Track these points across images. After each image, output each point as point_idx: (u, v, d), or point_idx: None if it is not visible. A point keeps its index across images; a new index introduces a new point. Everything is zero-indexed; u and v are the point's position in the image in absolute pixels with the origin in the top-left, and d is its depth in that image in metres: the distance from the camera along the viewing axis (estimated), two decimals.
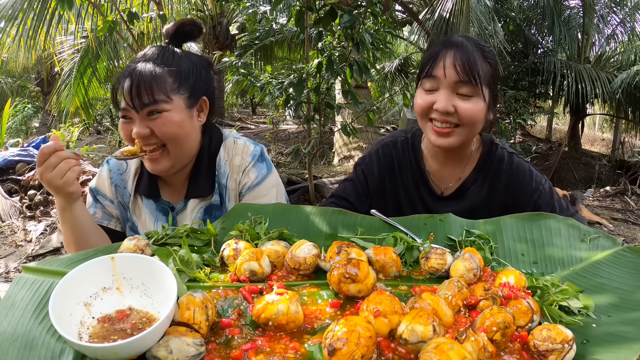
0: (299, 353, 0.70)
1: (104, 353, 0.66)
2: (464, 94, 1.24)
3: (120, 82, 1.18)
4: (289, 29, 5.55)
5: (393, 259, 0.92)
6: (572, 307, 0.85)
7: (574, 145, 9.25)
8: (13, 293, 0.81)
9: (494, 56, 1.32)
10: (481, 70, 1.25)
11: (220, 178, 1.33)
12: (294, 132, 10.56)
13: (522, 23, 8.43)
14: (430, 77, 1.26)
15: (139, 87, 1.15)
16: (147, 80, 1.16)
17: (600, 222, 4.78)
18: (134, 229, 1.35)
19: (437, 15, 6.00)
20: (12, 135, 9.92)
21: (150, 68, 1.18)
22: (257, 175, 1.33)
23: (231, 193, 1.33)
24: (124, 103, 1.18)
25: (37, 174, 1.07)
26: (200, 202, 1.33)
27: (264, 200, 1.32)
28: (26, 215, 4.64)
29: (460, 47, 1.26)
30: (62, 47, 7.01)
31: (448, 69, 1.23)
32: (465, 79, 1.23)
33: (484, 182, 1.39)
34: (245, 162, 1.33)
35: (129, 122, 1.20)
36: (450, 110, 1.24)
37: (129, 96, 1.15)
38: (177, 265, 0.86)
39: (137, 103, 1.15)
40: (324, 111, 3.89)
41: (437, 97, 1.25)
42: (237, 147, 1.35)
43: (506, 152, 1.40)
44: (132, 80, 1.15)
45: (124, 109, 1.19)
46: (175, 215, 1.34)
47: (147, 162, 1.23)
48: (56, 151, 1.09)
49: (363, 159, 1.51)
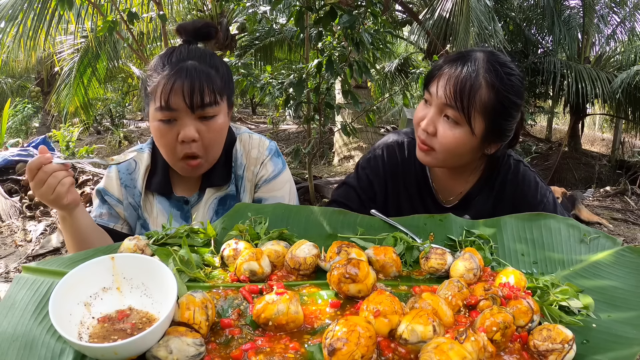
0: (299, 353, 0.70)
1: (104, 353, 0.66)
2: (450, 117, 1.16)
3: (169, 81, 1.12)
4: (289, 29, 5.56)
5: (393, 259, 0.92)
6: (572, 307, 0.85)
7: (574, 145, 9.25)
8: (13, 293, 0.81)
9: (509, 86, 1.15)
10: (477, 98, 1.13)
11: (236, 169, 1.35)
12: (294, 132, 10.56)
13: (522, 23, 8.44)
14: (427, 90, 1.21)
15: (202, 87, 1.12)
16: (204, 81, 1.13)
17: (600, 222, 4.78)
18: (146, 226, 1.34)
19: (437, 15, 6.00)
20: (12, 135, 9.92)
21: (203, 69, 1.15)
22: (274, 169, 1.36)
23: (247, 184, 1.35)
24: (176, 103, 1.12)
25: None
26: (215, 192, 1.34)
27: (279, 194, 1.35)
28: (26, 215, 4.64)
29: (465, 66, 1.15)
30: (62, 47, 7.00)
31: (440, 88, 1.16)
32: (450, 104, 1.14)
33: (489, 193, 1.35)
34: (263, 155, 1.35)
35: (171, 125, 1.16)
36: (429, 130, 1.18)
37: (188, 96, 1.11)
38: (177, 265, 0.86)
39: (197, 103, 1.12)
40: (324, 111, 3.89)
41: (426, 114, 1.20)
42: (252, 140, 1.37)
43: (512, 160, 1.34)
44: (191, 80, 1.11)
45: (173, 110, 1.13)
46: (189, 209, 1.34)
47: (185, 166, 1.21)
48: (42, 165, 1.05)
49: (368, 162, 1.43)
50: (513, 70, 1.18)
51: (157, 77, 1.15)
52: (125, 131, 10.56)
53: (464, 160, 1.26)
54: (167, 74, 1.13)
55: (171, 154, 1.21)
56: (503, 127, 1.19)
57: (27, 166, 1.06)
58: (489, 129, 1.18)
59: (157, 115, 1.16)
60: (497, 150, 1.25)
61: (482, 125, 1.17)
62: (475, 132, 1.16)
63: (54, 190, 1.06)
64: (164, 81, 1.13)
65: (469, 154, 1.23)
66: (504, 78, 1.15)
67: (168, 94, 1.12)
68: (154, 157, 1.35)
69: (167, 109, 1.14)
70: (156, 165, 1.34)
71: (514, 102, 1.17)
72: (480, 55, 1.17)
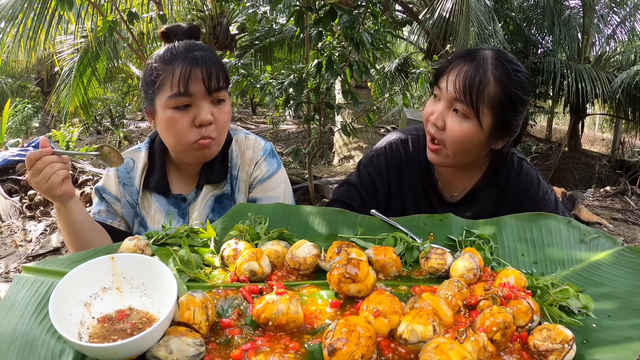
0: (299, 353, 0.70)
1: (104, 353, 0.66)
2: (459, 111, 1.19)
3: (186, 69, 1.17)
4: (289, 29, 5.56)
5: (393, 259, 0.92)
6: (572, 307, 0.85)
7: (574, 145, 9.25)
8: (13, 293, 0.81)
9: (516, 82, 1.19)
10: (486, 93, 1.16)
11: (231, 169, 1.37)
12: (294, 132, 10.57)
13: (522, 23, 8.44)
14: (437, 85, 1.24)
15: (217, 72, 1.19)
16: (217, 66, 1.21)
17: (600, 222, 4.78)
18: (144, 224, 1.36)
19: (437, 14, 6.01)
20: (12, 135, 9.92)
21: (212, 56, 1.22)
22: (269, 169, 1.37)
23: (241, 185, 1.37)
24: (194, 89, 1.18)
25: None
26: (212, 189, 1.36)
27: (273, 194, 1.36)
28: (26, 215, 4.64)
29: (474, 62, 1.18)
30: (61, 47, 7.00)
31: (449, 83, 1.19)
32: (460, 98, 1.17)
33: (493, 189, 1.36)
34: (257, 155, 1.37)
35: (185, 111, 1.20)
36: (439, 124, 1.20)
37: (207, 80, 1.18)
38: (177, 265, 0.86)
39: (214, 86, 1.19)
40: (324, 111, 3.89)
41: (435, 109, 1.23)
42: (248, 141, 1.40)
43: (516, 158, 1.36)
44: (207, 66, 1.18)
45: (190, 95, 1.18)
46: (186, 206, 1.36)
47: (199, 147, 1.23)
48: (42, 156, 1.10)
49: (370, 160, 1.43)
50: (520, 67, 1.21)
51: (168, 68, 1.19)
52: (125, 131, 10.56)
53: (473, 156, 1.27)
54: (181, 63, 1.18)
55: (183, 140, 1.22)
56: (510, 121, 1.22)
57: (27, 155, 1.10)
58: (497, 124, 1.20)
59: (170, 104, 1.19)
60: (503, 146, 1.27)
61: (490, 119, 1.20)
62: (484, 126, 1.19)
63: (48, 180, 1.10)
64: (180, 69, 1.17)
65: (477, 149, 1.25)
66: (511, 74, 1.18)
67: (187, 80, 1.17)
68: (152, 156, 1.38)
69: (185, 95, 1.18)
70: (153, 163, 1.37)
71: (520, 97, 1.20)
72: (489, 53, 1.21)
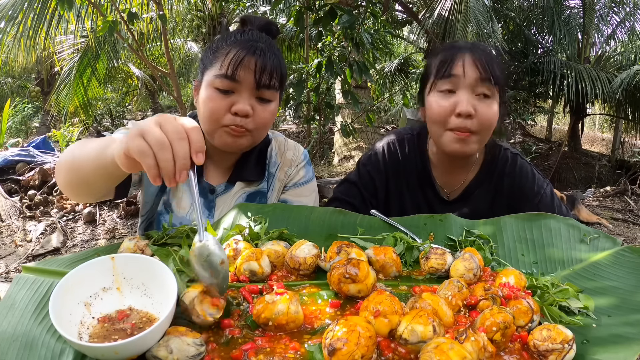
0: (299, 353, 0.70)
1: (104, 353, 0.66)
2: (483, 93, 1.20)
3: (241, 54, 1.13)
4: (289, 28, 5.56)
5: (393, 259, 0.92)
6: (572, 307, 0.85)
7: (574, 145, 9.26)
8: (13, 293, 0.81)
9: (500, 62, 1.28)
10: (498, 71, 1.22)
11: (269, 167, 1.38)
12: (294, 132, 10.57)
13: (522, 23, 8.44)
14: (448, 77, 1.21)
15: (272, 69, 1.15)
16: (275, 64, 1.17)
17: (600, 222, 4.78)
18: (168, 205, 1.32)
19: (436, 14, 6.01)
20: (12, 135, 9.92)
21: (274, 54, 1.18)
22: (306, 176, 1.40)
23: (277, 183, 1.38)
24: (242, 76, 1.14)
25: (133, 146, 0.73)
26: (245, 186, 1.35)
27: (304, 200, 1.38)
28: (26, 215, 4.64)
29: (476, 47, 1.24)
30: (61, 47, 7.00)
31: (468, 66, 1.20)
32: (485, 77, 1.18)
33: (488, 185, 1.37)
34: (298, 158, 1.40)
35: (226, 96, 1.16)
36: (472, 112, 1.19)
37: (259, 73, 1.14)
38: (177, 265, 0.86)
39: (265, 81, 1.15)
40: (324, 111, 3.89)
41: (457, 99, 1.20)
42: (288, 143, 1.42)
43: (510, 153, 1.38)
44: (263, 59, 1.14)
45: (236, 82, 1.14)
46: (214, 198, 1.34)
47: (228, 136, 1.19)
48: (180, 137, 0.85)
49: (369, 159, 1.45)
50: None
51: (226, 46, 1.16)
52: None
53: (489, 136, 1.28)
54: (239, 47, 1.15)
55: (215, 120, 1.18)
56: (505, 98, 1.28)
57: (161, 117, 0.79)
58: (502, 100, 1.26)
59: (215, 83, 1.16)
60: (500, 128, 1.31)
61: (499, 95, 1.25)
62: (500, 102, 1.24)
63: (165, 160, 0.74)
64: (235, 52, 1.14)
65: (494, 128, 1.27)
66: (492, 55, 1.27)
67: (237, 65, 1.13)
68: None
69: (231, 79, 1.14)
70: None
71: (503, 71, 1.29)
72: (472, 42, 1.30)
